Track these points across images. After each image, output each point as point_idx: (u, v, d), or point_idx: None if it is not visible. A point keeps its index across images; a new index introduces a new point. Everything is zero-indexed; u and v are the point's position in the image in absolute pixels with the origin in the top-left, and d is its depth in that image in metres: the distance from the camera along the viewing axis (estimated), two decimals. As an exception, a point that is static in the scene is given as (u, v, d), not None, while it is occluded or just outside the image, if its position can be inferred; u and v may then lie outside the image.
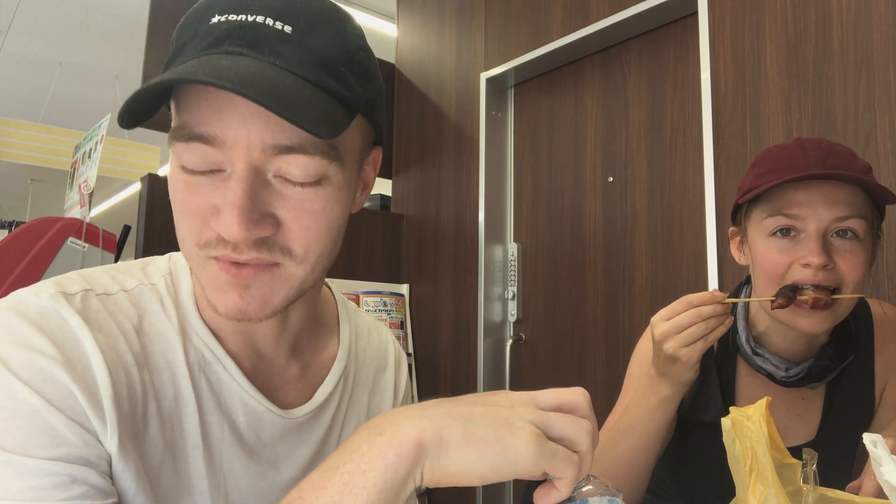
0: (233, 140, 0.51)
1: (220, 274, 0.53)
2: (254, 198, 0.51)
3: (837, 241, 0.87)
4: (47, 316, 0.53)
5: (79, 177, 2.67)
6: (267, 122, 0.51)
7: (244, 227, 0.50)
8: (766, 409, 0.65)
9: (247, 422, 0.63)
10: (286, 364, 0.67)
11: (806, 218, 0.86)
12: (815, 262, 0.84)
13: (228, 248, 0.52)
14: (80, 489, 0.48)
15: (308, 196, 0.54)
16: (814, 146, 0.89)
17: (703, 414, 1.01)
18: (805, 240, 0.87)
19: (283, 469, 0.65)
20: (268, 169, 0.53)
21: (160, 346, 0.59)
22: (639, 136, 2.05)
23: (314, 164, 0.52)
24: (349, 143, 0.57)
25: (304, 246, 0.55)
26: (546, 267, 2.31)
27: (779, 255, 0.89)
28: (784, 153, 0.91)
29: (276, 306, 0.55)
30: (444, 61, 2.70)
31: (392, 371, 0.81)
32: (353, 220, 0.64)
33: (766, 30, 1.66)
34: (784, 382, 0.96)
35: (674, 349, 0.86)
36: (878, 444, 0.61)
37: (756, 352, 0.97)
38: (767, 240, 0.90)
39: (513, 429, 0.43)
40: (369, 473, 0.41)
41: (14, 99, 5.73)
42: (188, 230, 0.54)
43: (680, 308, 0.86)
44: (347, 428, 0.73)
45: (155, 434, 0.57)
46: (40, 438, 0.48)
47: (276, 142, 0.51)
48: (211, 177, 0.53)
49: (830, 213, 0.86)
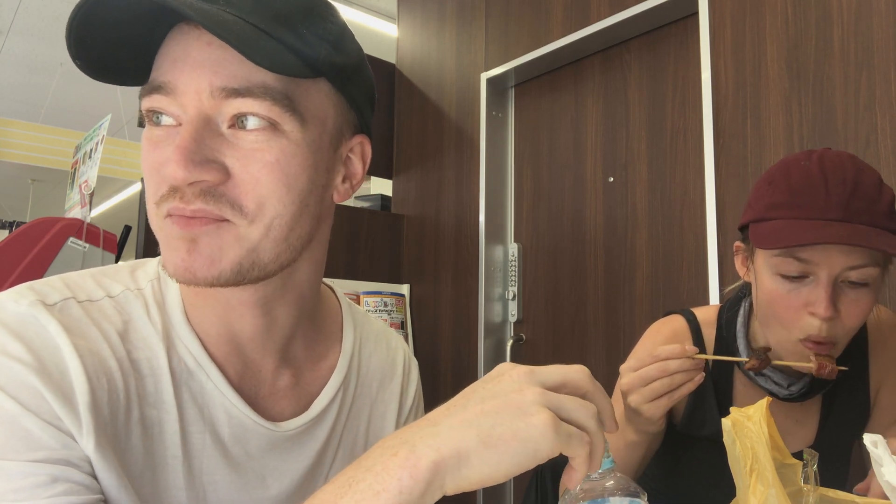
0: (184, 86, 0.52)
1: (173, 229, 0.53)
2: (199, 141, 0.52)
3: (847, 288, 0.83)
4: (26, 323, 0.53)
5: (79, 177, 2.68)
6: (217, 68, 0.52)
7: (183, 167, 0.50)
8: (766, 410, 0.65)
9: (231, 433, 0.61)
10: (275, 372, 0.65)
11: (819, 263, 0.82)
12: (822, 315, 0.81)
13: (177, 198, 0.52)
14: (63, 486, 0.48)
15: (259, 145, 0.53)
16: (837, 179, 0.82)
17: (699, 429, 0.99)
18: (815, 285, 0.83)
19: (270, 483, 0.63)
20: (220, 119, 0.53)
21: (144, 352, 0.58)
22: (639, 137, 2.05)
23: (264, 108, 0.53)
24: (314, 105, 0.57)
25: (255, 201, 0.53)
26: (546, 267, 2.31)
27: (787, 298, 0.85)
28: (805, 183, 0.83)
29: (223, 268, 0.54)
30: (444, 61, 2.70)
31: (399, 380, 0.78)
32: (353, 220, 0.64)
33: (767, 30, 1.66)
34: (787, 399, 0.95)
35: (636, 403, 0.83)
36: (878, 444, 0.61)
37: (758, 373, 0.95)
38: (776, 278, 0.86)
39: (527, 416, 0.42)
40: (383, 495, 0.40)
41: (15, 99, 5.73)
42: (149, 189, 0.55)
43: (648, 360, 0.83)
44: (346, 442, 0.71)
45: (137, 442, 0.56)
46: (17, 443, 0.48)
47: (224, 84, 0.52)
48: (168, 130, 0.54)
49: (844, 261, 0.81)
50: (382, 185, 3.38)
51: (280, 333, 0.64)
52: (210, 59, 0.52)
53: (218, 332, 0.61)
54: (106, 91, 5.34)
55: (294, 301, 0.64)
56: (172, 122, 0.54)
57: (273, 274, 0.58)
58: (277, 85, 0.54)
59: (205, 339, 0.61)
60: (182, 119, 0.54)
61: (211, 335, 0.61)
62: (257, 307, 0.61)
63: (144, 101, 0.55)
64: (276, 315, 0.63)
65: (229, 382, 0.61)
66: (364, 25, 4.29)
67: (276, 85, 0.53)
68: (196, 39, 0.53)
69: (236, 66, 0.52)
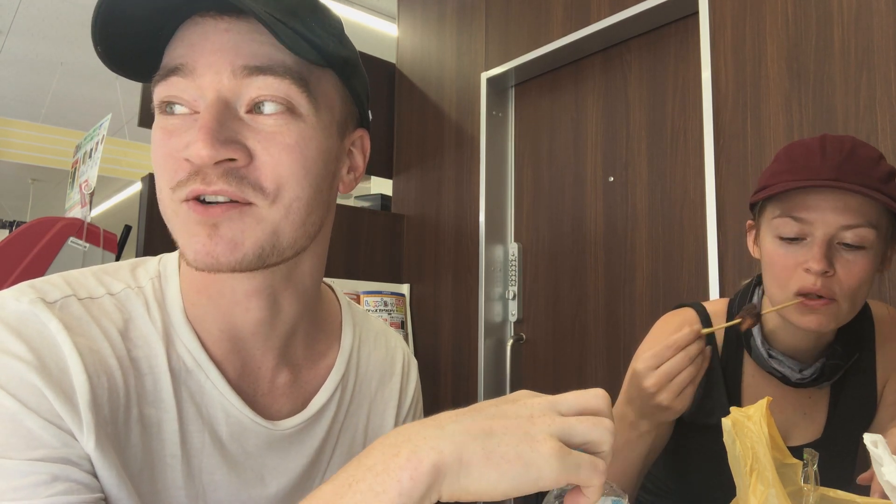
0: (203, 68, 0.53)
1: (191, 215, 0.53)
2: (223, 122, 0.52)
3: (843, 250, 0.86)
4: (26, 321, 0.53)
5: (80, 177, 2.68)
6: (237, 50, 0.53)
7: (209, 145, 0.50)
8: (766, 409, 0.65)
9: (229, 432, 0.61)
10: (274, 370, 0.65)
11: (814, 223, 0.86)
12: (814, 269, 0.84)
13: (198, 181, 0.52)
14: (63, 485, 0.48)
15: (280, 128, 0.54)
16: (835, 147, 0.87)
17: (709, 417, 0.99)
18: (810, 244, 0.87)
19: (268, 482, 0.63)
20: (239, 103, 0.54)
21: (144, 350, 0.58)
22: (639, 136, 2.05)
23: (284, 87, 0.54)
24: (324, 92, 0.59)
25: (275, 182, 0.54)
26: (547, 267, 2.31)
27: (784, 257, 0.89)
28: (804, 151, 0.89)
29: (246, 252, 0.53)
30: (444, 61, 2.70)
31: (398, 379, 0.78)
32: (353, 220, 0.64)
33: (767, 30, 1.66)
34: (798, 384, 0.96)
35: (668, 401, 0.83)
36: (878, 444, 0.61)
37: (771, 354, 0.96)
38: (775, 240, 0.90)
39: (534, 443, 0.42)
40: (382, 496, 0.40)
41: (15, 99, 5.74)
42: (163, 177, 0.55)
43: (668, 353, 0.83)
44: (343, 440, 0.71)
45: (136, 441, 0.56)
46: (18, 441, 0.48)
47: (244, 63, 0.53)
48: (184, 119, 0.54)
49: (839, 220, 0.84)
50: (382, 184, 3.38)
51: (282, 328, 0.64)
52: (230, 43, 0.53)
53: (219, 329, 0.61)
54: (106, 91, 5.35)
55: (297, 293, 0.64)
56: (187, 111, 0.55)
57: (288, 259, 0.59)
58: (295, 66, 0.55)
59: (204, 337, 0.61)
60: (198, 105, 0.54)
61: (211, 333, 0.61)
62: (263, 297, 0.61)
63: (160, 88, 0.55)
64: (280, 306, 0.63)
65: (228, 381, 0.61)
66: (364, 25, 4.29)
67: (294, 65, 0.55)
68: (213, 27, 0.54)
69: (256, 48, 0.54)
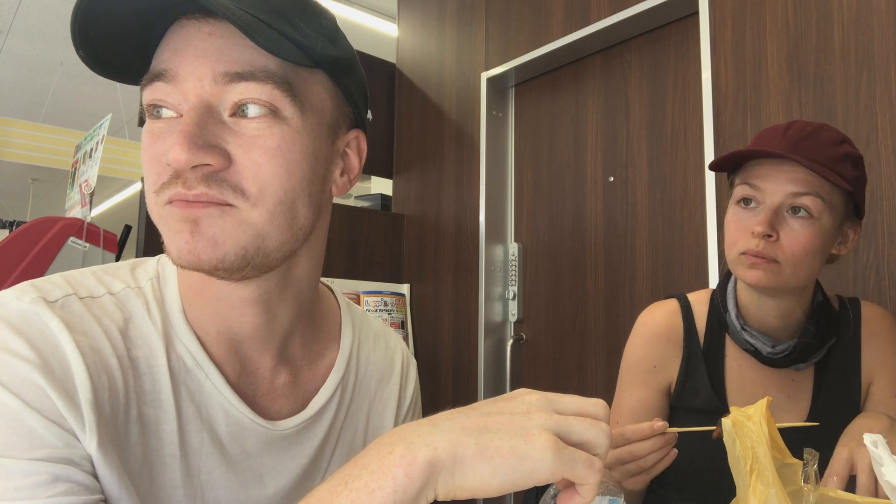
0: (186, 74, 0.53)
1: (174, 212, 0.53)
2: (202, 127, 0.52)
3: (790, 218, 0.92)
4: (28, 320, 0.53)
5: (80, 176, 2.68)
6: (219, 56, 0.53)
7: (186, 149, 0.51)
8: (766, 409, 0.65)
9: (229, 432, 0.61)
10: (274, 371, 0.65)
11: (764, 190, 0.93)
12: (757, 231, 0.91)
13: (179, 184, 0.52)
14: (64, 486, 0.48)
15: (261, 131, 0.54)
16: (799, 127, 0.94)
17: (693, 399, 1.03)
18: (760, 210, 0.93)
19: (267, 482, 0.63)
20: (222, 107, 0.54)
21: (143, 350, 0.58)
22: (639, 136, 2.05)
23: (265, 92, 0.54)
24: (312, 95, 0.58)
25: (256, 185, 0.54)
26: (547, 267, 2.31)
27: (737, 222, 0.96)
28: (772, 130, 0.96)
29: (228, 251, 0.53)
30: (444, 61, 2.70)
31: (397, 380, 0.79)
32: (353, 220, 0.64)
33: (767, 29, 1.66)
34: (770, 360, 0.99)
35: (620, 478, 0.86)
36: (878, 444, 0.61)
37: (744, 328, 1.01)
38: (733, 206, 0.98)
39: (528, 437, 0.42)
40: (377, 493, 0.40)
41: (15, 99, 5.74)
42: (149, 179, 0.55)
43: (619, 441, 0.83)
44: (343, 440, 0.71)
45: (136, 441, 0.56)
46: (20, 440, 0.48)
47: (226, 69, 0.53)
48: (170, 122, 0.55)
49: (786, 188, 0.91)
50: (382, 184, 3.38)
51: (279, 331, 0.64)
52: (212, 48, 0.53)
53: (217, 330, 0.61)
54: (106, 90, 5.35)
55: (293, 297, 0.64)
56: (173, 114, 0.55)
57: (277, 264, 0.58)
58: (278, 70, 0.55)
59: (203, 338, 0.61)
60: (182, 109, 0.54)
61: (210, 334, 0.61)
62: (258, 304, 0.61)
63: (146, 93, 0.55)
64: (275, 312, 0.63)
65: (227, 381, 0.61)
66: (364, 25, 4.29)
67: (278, 70, 0.55)
68: (197, 31, 0.54)
69: (238, 53, 0.54)
